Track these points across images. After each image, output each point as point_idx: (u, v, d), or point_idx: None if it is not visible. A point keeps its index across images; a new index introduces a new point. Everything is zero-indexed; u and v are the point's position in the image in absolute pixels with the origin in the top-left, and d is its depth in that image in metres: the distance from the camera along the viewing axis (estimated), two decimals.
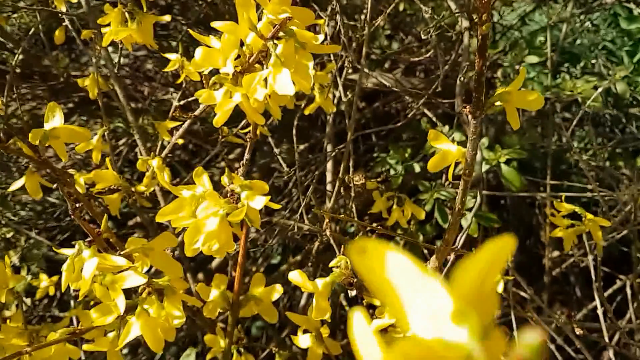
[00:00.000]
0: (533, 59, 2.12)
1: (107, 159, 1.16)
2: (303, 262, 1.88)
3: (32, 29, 1.76)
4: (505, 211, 2.68)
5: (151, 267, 0.76)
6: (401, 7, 2.22)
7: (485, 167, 1.98)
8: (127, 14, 1.17)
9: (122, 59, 1.53)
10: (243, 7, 0.73)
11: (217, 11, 2.43)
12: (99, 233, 0.62)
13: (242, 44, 0.85)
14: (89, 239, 0.62)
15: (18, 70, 2.59)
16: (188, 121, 0.95)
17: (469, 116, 0.82)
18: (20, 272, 1.97)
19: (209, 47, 0.80)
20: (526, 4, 3.27)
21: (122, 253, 0.69)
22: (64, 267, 0.60)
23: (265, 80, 0.76)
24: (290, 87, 0.69)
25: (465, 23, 1.43)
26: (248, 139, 0.86)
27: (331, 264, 0.64)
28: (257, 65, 0.80)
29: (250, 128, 0.85)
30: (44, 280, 1.77)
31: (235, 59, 0.81)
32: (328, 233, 1.20)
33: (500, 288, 1.24)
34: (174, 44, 2.85)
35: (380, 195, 1.38)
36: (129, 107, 1.36)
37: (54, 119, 0.76)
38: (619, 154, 2.47)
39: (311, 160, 2.16)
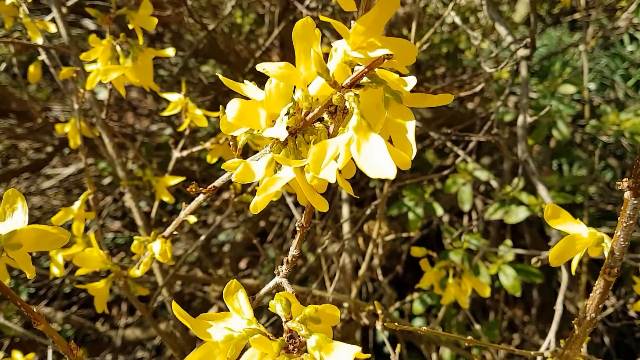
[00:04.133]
0: (570, 89, 1.89)
1: (92, 235, 0.89)
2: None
3: (4, 63, 1.50)
4: (523, 248, 2.44)
5: None
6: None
7: (525, 214, 1.72)
8: (118, 48, 0.91)
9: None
10: (305, 41, 0.48)
11: (215, 42, 2.18)
12: None
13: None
14: None
15: None
16: (202, 196, 0.69)
17: (628, 193, 0.57)
18: None
19: (246, 98, 0.54)
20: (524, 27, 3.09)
21: None
22: None
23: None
24: (389, 166, 0.42)
25: (523, 51, 1.19)
26: (298, 227, 0.59)
27: None
28: (318, 125, 0.54)
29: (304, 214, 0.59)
30: None
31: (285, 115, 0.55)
32: (379, 328, 0.93)
33: None
34: (162, 72, 2.58)
35: (430, 265, 1.11)
36: (120, 161, 1.10)
37: (14, 217, 0.49)
38: None
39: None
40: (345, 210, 1.64)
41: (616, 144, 2.40)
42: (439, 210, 1.85)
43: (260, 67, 0.48)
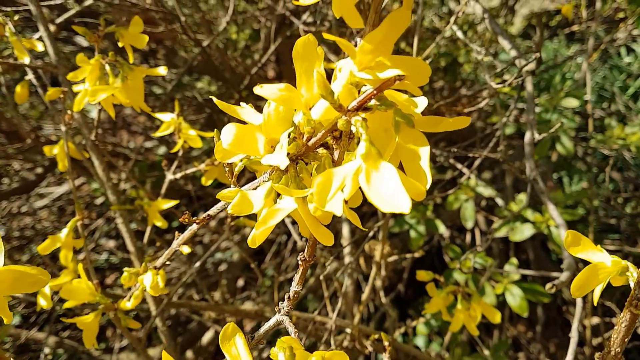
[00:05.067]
0: (572, 102, 1.85)
1: (80, 266, 0.84)
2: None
3: None
4: (527, 266, 2.40)
5: None
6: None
7: (531, 232, 1.68)
8: (107, 67, 0.87)
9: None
10: (306, 61, 0.43)
11: (210, 59, 2.15)
12: None
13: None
14: None
15: None
16: (196, 225, 0.64)
17: None
18: None
19: (242, 122, 0.50)
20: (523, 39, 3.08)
21: None
22: None
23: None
24: (403, 198, 0.38)
25: (530, 65, 1.15)
26: (301, 261, 0.55)
27: None
28: (321, 151, 0.49)
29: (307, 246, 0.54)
30: None
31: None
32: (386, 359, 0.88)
33: None
34: (156, 90, 2.54)
35: (436, 288, 1.06)
36: (110, 184, 1.05)
37: None
38: None
39: None
40: (345, 230, 1.59)
41: (616, 156, 2.37)
42: (441, 228, 1.79)
43: (257, 90, 0.44)
